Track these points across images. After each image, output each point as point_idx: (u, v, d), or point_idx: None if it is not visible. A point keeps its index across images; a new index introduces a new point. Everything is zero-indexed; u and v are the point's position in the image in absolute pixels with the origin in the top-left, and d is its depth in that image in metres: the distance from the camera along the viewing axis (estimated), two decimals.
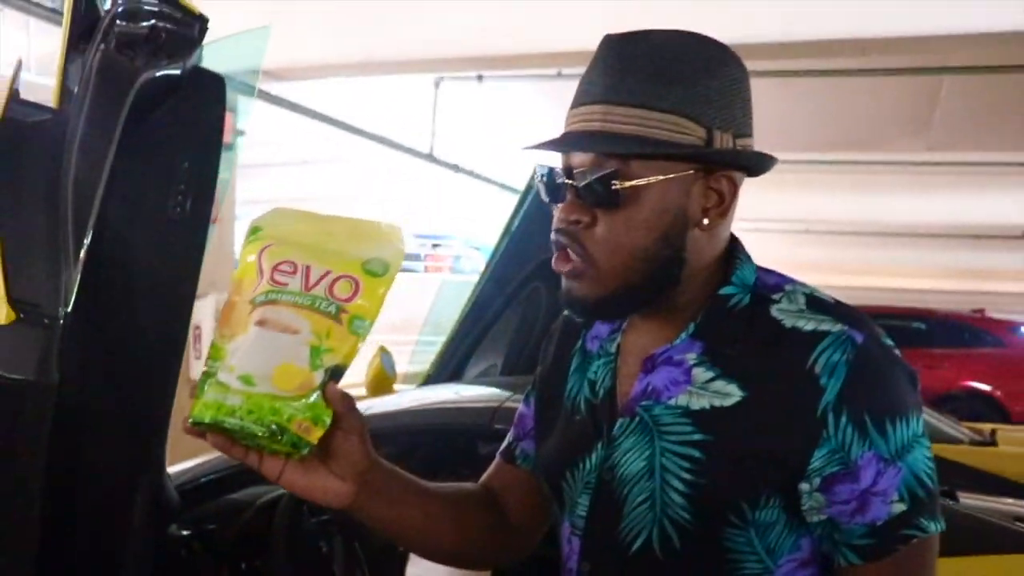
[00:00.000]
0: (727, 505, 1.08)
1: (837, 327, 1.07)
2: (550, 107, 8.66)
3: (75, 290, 1.60)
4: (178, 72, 1.83)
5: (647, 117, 1.05)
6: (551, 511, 1.32)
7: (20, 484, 1.53)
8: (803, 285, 1.14)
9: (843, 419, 1.04)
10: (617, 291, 1.10)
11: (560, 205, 1.12)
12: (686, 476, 1.08)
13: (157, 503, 2.11)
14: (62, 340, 1.52)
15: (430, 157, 8.68)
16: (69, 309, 1.56)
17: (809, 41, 5.40)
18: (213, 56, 1.99)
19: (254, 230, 1.12)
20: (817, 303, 1.11)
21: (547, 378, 1.32)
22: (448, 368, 3.59)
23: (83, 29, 1.78)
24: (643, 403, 1.14)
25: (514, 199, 3.33)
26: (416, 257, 16.99)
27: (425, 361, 4.07)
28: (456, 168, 9.56)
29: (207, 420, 0.98)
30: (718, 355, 1.11)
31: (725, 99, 1.08)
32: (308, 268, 1.05)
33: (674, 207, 1.08)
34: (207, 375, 1.01)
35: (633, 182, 1.06)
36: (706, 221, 1.11)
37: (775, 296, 1.12)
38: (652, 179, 1.06)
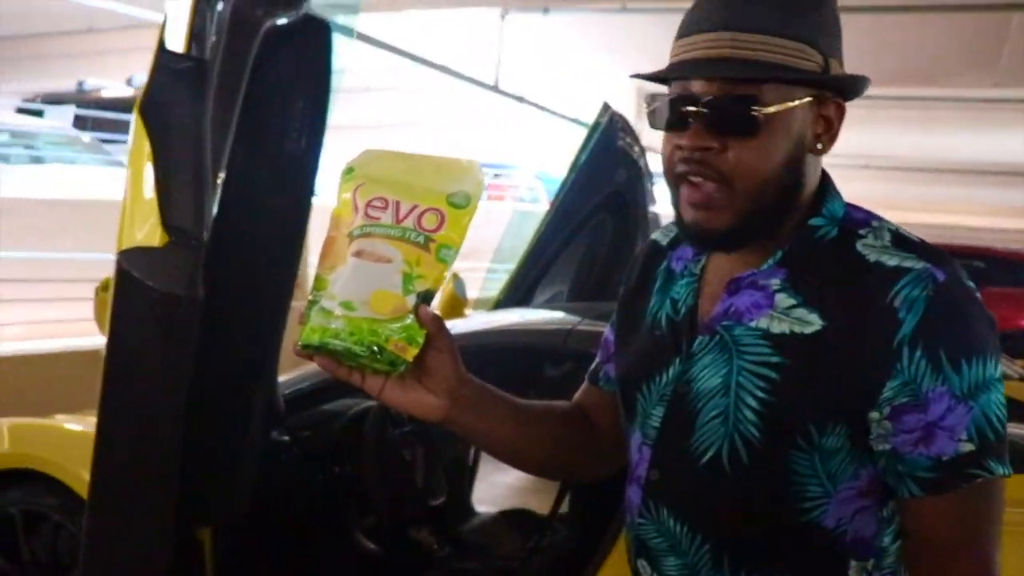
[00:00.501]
0: (796, 427, 1.09)
1: (920, 264, 1.07)
2: (614, 41, 8.72)
3: (213, 215, 1.84)
4: (292, 20, 2.03)
5: (776, 44, 1.06)
6: None
7: (172, 383, 1.79)
8: (889, 223, 1.15)
9: (917, 353, 1.05)
10: (748, 219, 1.10)
11: (683, 134, 1.10)
12: (760, 395, 1.11)
13: (269, 408, 2.36)
14: (204, 260, 1.75)
15: (495, 88, 8.77)
16: (210, 233, 1.79)
17: None
18: (318, 3, 2.19)
19: (348, 170, 1.18)
20: (902, 240, 1.11)
21: (629, 299, 1.34)
22: (518, 294, 3.78)
23: None
24: (724, 323, 1.16)
25: (578, 131, 3.44)
26: None
27: (495, 287, 4.25)
28: (521, 99, 9.63)
29: (315, 343, 1.06)
30: (801, 283, 1.12)
31: (835, 27, 1.12)
32: (398, 203, 1.12)
33: (797, 133, 1.10)
34: (312, 303, 1.08)
35: (771, 108, 1.07)
36: (820, 146, 1.13)
37: (862, 231, 1.12)
38: (784, 105, 1.08)
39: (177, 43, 1.96)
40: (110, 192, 7.26)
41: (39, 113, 12.07)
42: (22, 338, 5.61)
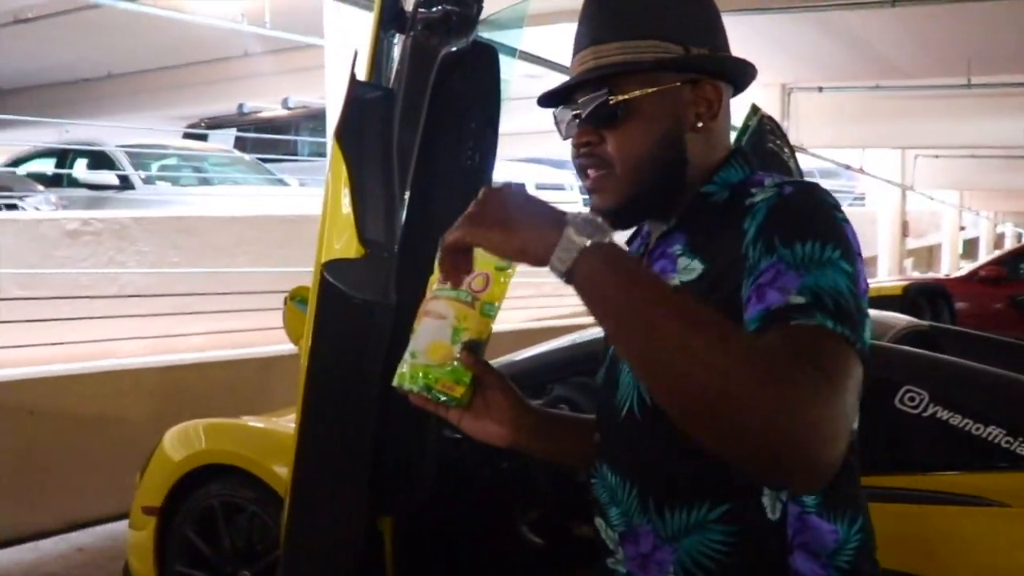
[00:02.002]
0: None
1: (773, 189, 1.15)
2: (755, 43, 8.67)
3: (402, 230, 2.01)
4: (463, 47, 2.19)
5: (628, 46, 1.21)
6: None
7: (368, 383, 1.96)
8: (790, 180, 1.19)
9: (758, 245, 1.10)
10: (635, 194, 1.24)
11: (574, 136, 1.27)
12: None
13: None
14: (396, 270, 1.93)
15: None
16: (399, 245, 1.96)
17: None
18: (485, 29, 2.34)
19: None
20: (782, 182, 1.17)
21: None
22: None
23: (391, 16, 2.15)
24: None
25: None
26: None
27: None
28: None
29: (394, 384, 1.29)
30: (697, 244, 1.22)
31: (698, 19, 1.25)
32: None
33: (668, 115, 1.22)
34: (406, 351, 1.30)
35: (623, 96, 1.21)
36: (700, 124, 1.24)
37: (753, 190, 1.18)
38: (640, 92, 1.21)
39: (361, 72, 2.15)
40: (275, 208, 7.70)
41: (204, 137, 12.77)
42: (205, 347, 6.03)
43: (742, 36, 8.30)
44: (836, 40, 8.52)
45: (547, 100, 1.31)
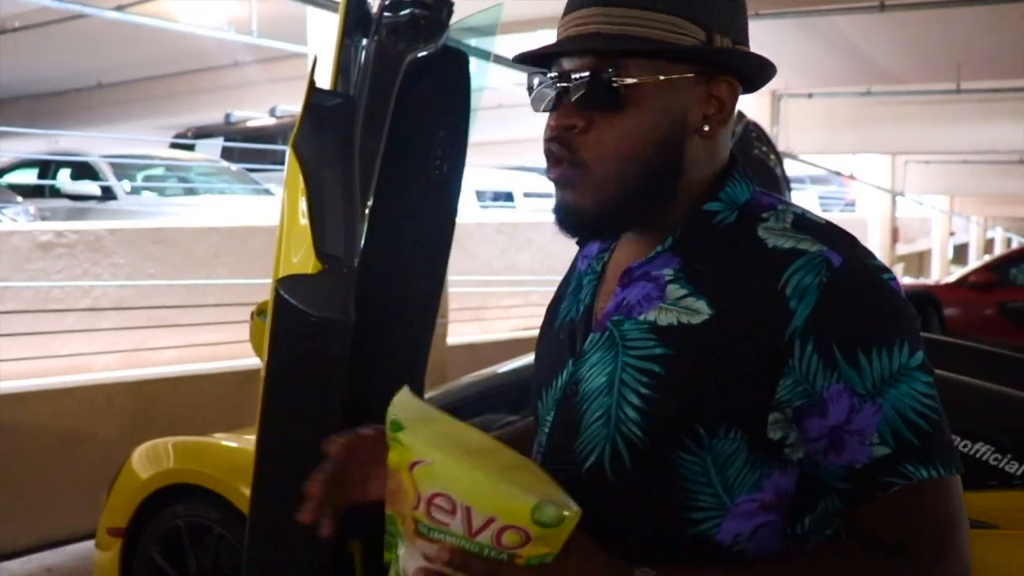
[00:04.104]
0: (681, 426, 0.99)
1: (815, 247, 0.98)
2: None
3: (362, 242, 1.93)
4: (432, 52, 2.11)
5: (645, 17, 1.00)
6: None
7: (327, 402, 1.88)
8: (796, 206, 1.06)
9: (809, 347, 0.95)
10: (610, 202, 1.03)
11: (553, 112, 1.05)
12: (643, 391, 1.01)
13: None
14: (356, 286, 1.84)
15: None
16: (358, 260, 1.88)
17: None
18: (457, 34, 2.26)
19: (395, 426, 0.98)
20: (803, 222, 1.03)
21: (551, 309, 1.26)
22: None
23: (356, 20, 2.07)
24: (615, 318, 1.08)
25: None
26: None
27: None
28: None
29: None
30: (695, 272, 1.04)
31: (723, 3, 1.04)
32: (469, 511, 0.92)
33: (673, 111, 1.02)
34: (389, 541, 1.02)
35: (631, 80, 1.00)
36: (706, 128, 1.04)
37: (764, 215, 1.04)
38: (650, 78, 1.01)
39: (324, 79, 2.06)
40: (258, 219, 7.62)
41: (191, 147, 12.70)
42: (180, 361, 5.94)
43: None
44: (826, 46, 8.48)
45: (527, 59, 1.08)
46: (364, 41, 2.07)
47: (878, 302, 0.98)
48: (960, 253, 25.47)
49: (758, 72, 1.08)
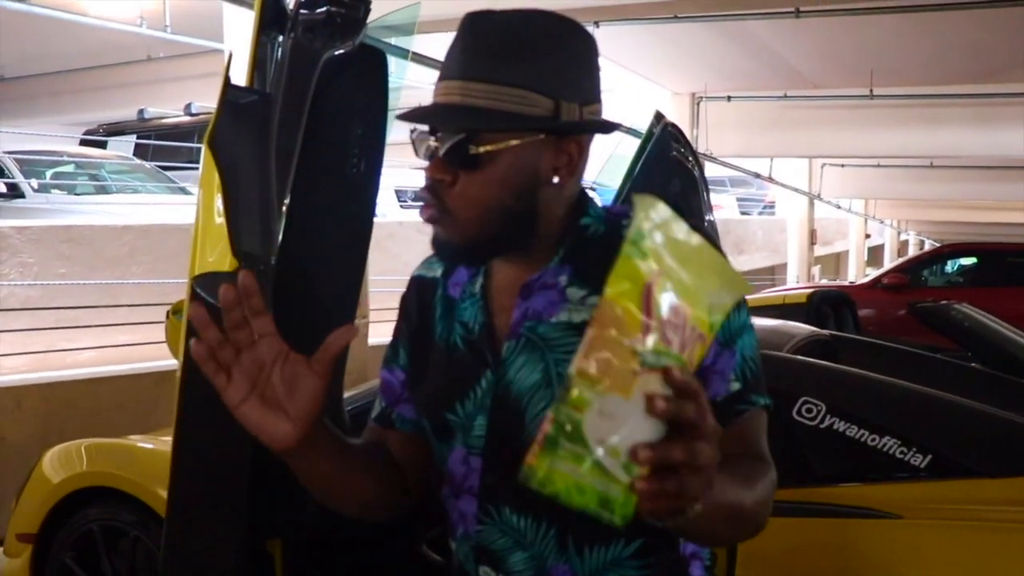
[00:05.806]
0: None
1: None
2: (665, 52, 8.74)
3: (279, 240, 1.91)
4: (349, 50, 2.10)
5: (499, 92, 1.14)
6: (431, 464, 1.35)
7: None
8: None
9: None
10: (476, 239, 1.20)
11: (428, 164, 1.21)
12: None
13: (334, 423, 2.43)
14: (273, 283, 1.83)
15: None
16: (276, 257, 1.86)
17: None
18: (374, 32, 2.26)
19: (638, 236, 0.86)
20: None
21: (415, 331, 1.36)
22: None
23: (272, 17, 2.05)
24: (526, 324, 1.23)
25: (631, 141, 3.45)
26: None
27: None
28: None
29: (546, 491, 0.81)
30: (586, 276, 1.21)
31: (571, 72, 1.18)
32: (686, 319, 0.85)
33: (527, 167, 1.18)
34: (558, 430, 0.80)
35: (487, 147, 1.16)
36: (556, 179, 1.20)
37: (624, 221, 1.18)
38: (503, 144, 1.16)
39: (240, 76, 2.04)
40: (174, 218, 7.48)
41: (103, 144, 12.40)
42: (95, 363, 5.80)
43: (652, 45, 8.38)
44: (745, 50, 8.64)
45: (409, 117, 1.23)
46: (280, 38, 2.06)
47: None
48: (875, 255, 26.14)
49: (605, 129, 1.24)
